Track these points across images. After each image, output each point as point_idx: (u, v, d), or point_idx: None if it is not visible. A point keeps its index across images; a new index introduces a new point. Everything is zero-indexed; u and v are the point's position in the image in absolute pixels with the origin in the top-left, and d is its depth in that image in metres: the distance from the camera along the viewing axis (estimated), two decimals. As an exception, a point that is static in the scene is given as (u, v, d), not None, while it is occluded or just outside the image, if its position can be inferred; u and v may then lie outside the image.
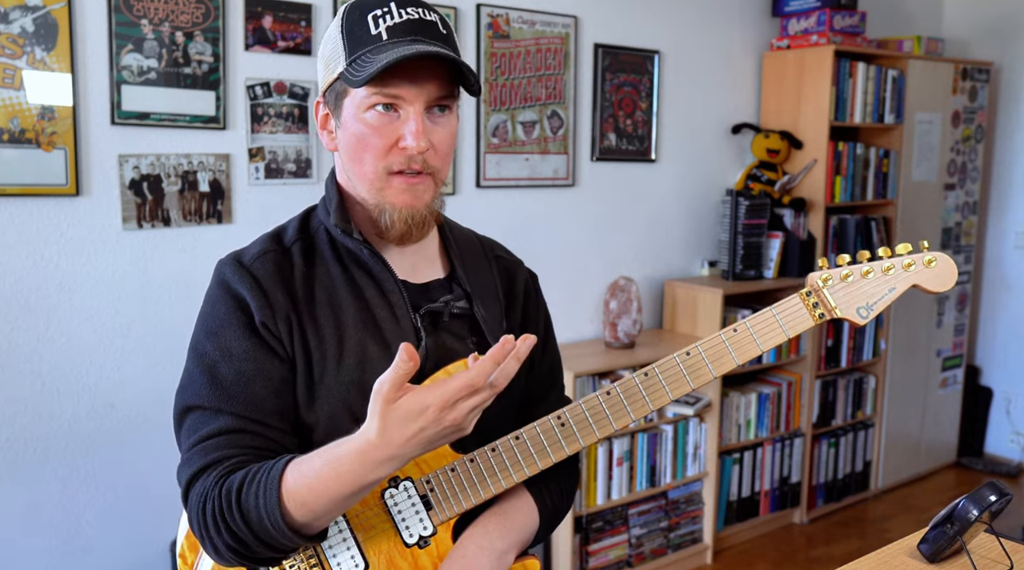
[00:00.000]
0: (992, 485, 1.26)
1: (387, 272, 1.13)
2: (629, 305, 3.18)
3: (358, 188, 1.12)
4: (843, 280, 1.08)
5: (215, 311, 1.09)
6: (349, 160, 1.11)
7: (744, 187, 3.66)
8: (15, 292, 2.22)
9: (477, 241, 1.30)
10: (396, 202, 1.08)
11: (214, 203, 2.47)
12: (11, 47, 2.15)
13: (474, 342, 1.18)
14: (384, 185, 1.08)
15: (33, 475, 2.28)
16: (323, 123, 1.15)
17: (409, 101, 1.06)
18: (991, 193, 4.50)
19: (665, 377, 1.08)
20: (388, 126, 1.06)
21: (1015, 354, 4.44)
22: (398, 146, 1.07)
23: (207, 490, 1.01)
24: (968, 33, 4.53)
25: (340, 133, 1.11)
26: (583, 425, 1.09)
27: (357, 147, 1.08)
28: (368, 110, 1.06)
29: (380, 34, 1.05)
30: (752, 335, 1.07)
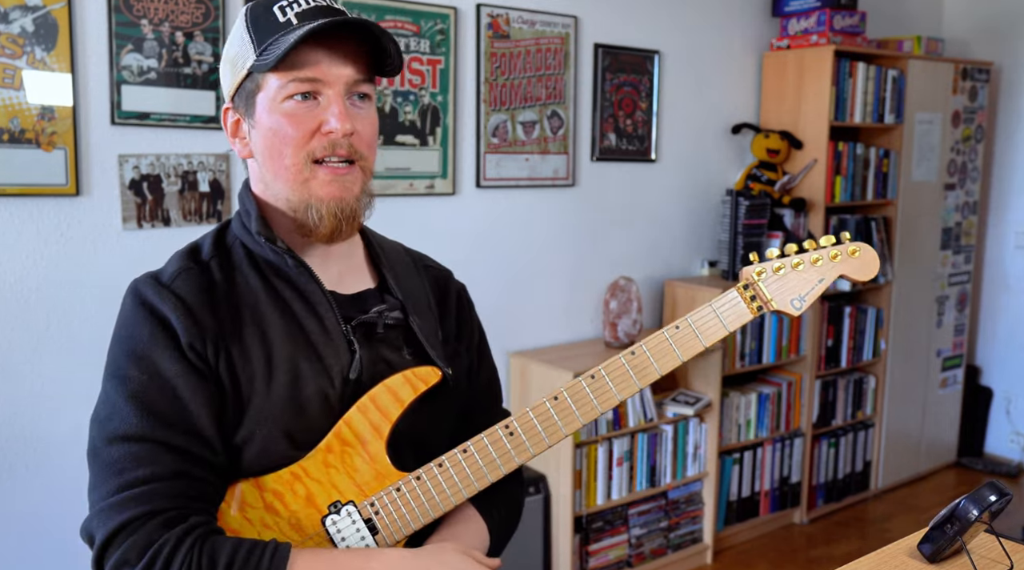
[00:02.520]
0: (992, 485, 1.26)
1: (314, 283, 1.06)
2: (629, 305, 3.18)
3: (278, 190, 1.04)
4: (775, 273, 1.09)
5: (137, 333, 1.00)
6: (267, 159, 1.04)
7: (744, 187, 3.67)
8: (15, 292, 2.22)
9: (404, 251, 1.24)
10: (323, 194, 1.02)
11: (214, 203, 2.48)
12: (11, 47, 2.15)
13: (410, 352, 1.12)
14: (308, 176, 1.02)
15: (33, 476, 2.28)
16: (234, 131, 1.08)
17: (328, 84, 1.01)
18: (991, 193, 4.50)
19: (612, 378, 1.06)
20: (308, 113, 1.01)
21: (1015, 354, 4.44)
22: (320, 132, 1.01)
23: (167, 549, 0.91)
24: (968, 33, 4.53)
25: (254, 134, 1.05)
26: (532, 433, 1.05)
27: (275, 141, 1.02)
28: (285, 100, 1.01)
29: (289, 20, 1.01)
30: (695, 331, 1.06)
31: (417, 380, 1.07)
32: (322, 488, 1.03)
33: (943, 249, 4.16)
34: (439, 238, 2.91)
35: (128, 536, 0.92)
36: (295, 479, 1.02)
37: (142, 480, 0.94)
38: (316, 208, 1.02)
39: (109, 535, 0.92)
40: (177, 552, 0.91)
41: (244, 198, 1.10)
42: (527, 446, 1.05)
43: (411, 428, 1.08)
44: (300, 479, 1.02)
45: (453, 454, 1.06)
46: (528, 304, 3.17)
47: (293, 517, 1.02)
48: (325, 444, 1.04)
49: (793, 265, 1.09)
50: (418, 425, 1.09)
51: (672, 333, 1.06)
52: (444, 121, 2.88)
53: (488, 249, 3.04)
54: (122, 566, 0.91)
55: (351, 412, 1.04)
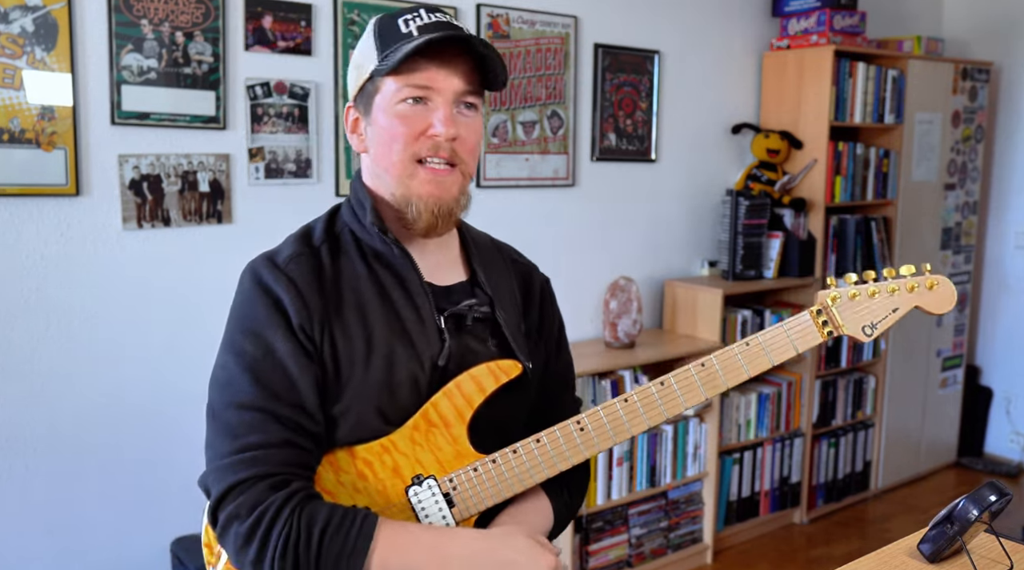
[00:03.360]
0: (992, 485, 1.26)
1: (414, 273, 1.15)
2: (629, 305, 3.18)
3: (386, 183, 1.14)
4: (851, 299, 1.11)
5: (253, 312, 1.10)
6: (379, 154, 1.14)
7: (744, 187, 3.66)
8: (15, 292, 2.22)
9: (493, 245, 1.35)
10: (422, 192, 1.11)
11: (214, 203, 2.47)
12: (11, 47, 2.15)
13: (495, 344, 1.21)
14: (411, 174, 1.11)
15: (33, 475, 2.28)
16: (353, 127, 1.19)
17: (438, 91, 1.10)
18: (991, 193, 4.50)
19: (680, 387, 1.13)
20: (417, 116, 1.10)
21: (1015, 354, 4.44)
22: (426, 134, 1.10)
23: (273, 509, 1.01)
24: (968, 33, 4.53)
25: (370, 131, 1.15)
26: (601, 431, 1.14)
27: (387, 139, 1.11)
28: (399, 103, 1.10)
29: (411, 31, 1.10)
30: (764, 350, 1.12)
31: (500, 371, 1.15)
32: (408, 461, 1.12)
33: (943, 249, 4.16)
34: (439, 238, 2.91)
35: (240, 494, 1.02)
36: (384, 451, 1.12)
37: (254, 446, 1.04)
38: (416, 204, 1.12)
39: (224, 491, 1.03)
40: (281, 513, 1.01)
41: (358, 189, 1.19)
42: (595, 442, 1.14)
43: (491, 414, 1.16)
44: (389, 451, 1.12)
45: (527, 442, 1.14)
46: (528, 304, 3.17)
47: (380, 484, 1.12)
48: (413, 423, 1.13)
49: (869, 293, 1.12)
50: (497, 411, 1.17)
51: (742, 350, 1.12)
52: (444, 121, 2.88)
53: (488, 249, 3.04)
54: (233, 519, 1.02)
55: (438, 396, 1.14)
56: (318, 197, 2.61)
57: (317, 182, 2.63)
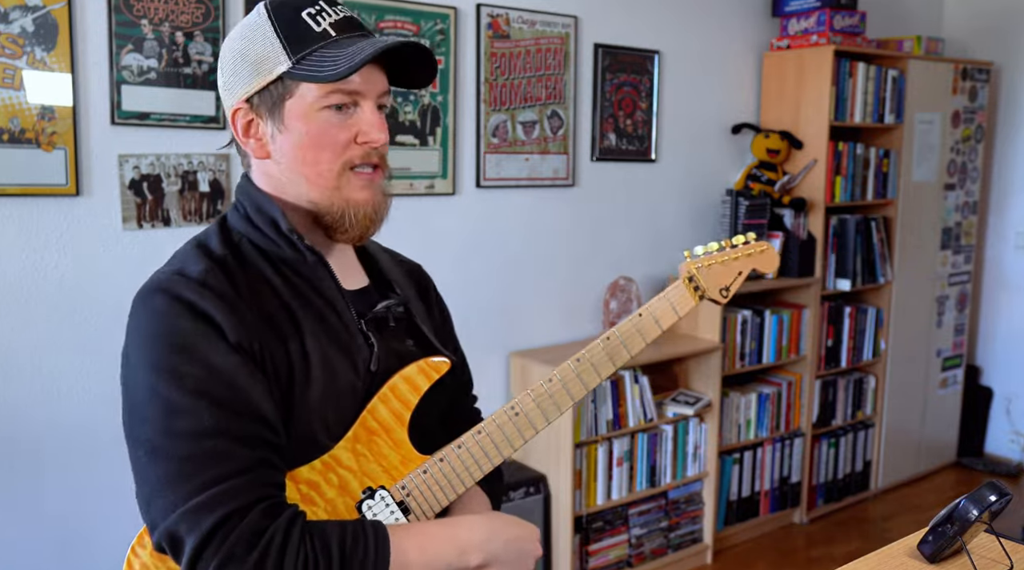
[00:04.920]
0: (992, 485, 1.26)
1: (331, 280, 1.10)
2: (629, 305, 3.18)
3: (302, 190, 1.07)
4: (708, 268, 1.25)
5: (177, 326, 0.98)
6: (297, 163, 1.06)
7: (744, 187, 3.67)
8: (15, 292, 2.22)
9: (379, 247, 1.30)
10: (359, 199, 1.07)
11: (214, 203, 2.48)
12: (11, 47, 2.15)
13: (413, 344, 1.18)
14: (343, 184, 1.06)
15: (33, 475, 2.28)
16: (246, 131, 1.08)
17: (364, 96, 1.06)
18: (991, 193, 4.50)
19: (593, 361, 1.19)
20: (345, 122, 1.05)
21: (1015, 354, 4.44)
22: (356, 142, 1.06)
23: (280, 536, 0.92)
24: (968, 33, 4.53)
25: (280, 138, 1.06)
26: (535, 414, 1.17)
27: (312, 148, 1.04)
28: (323, 109, 1.04)
29: (326, 31, 1.04)
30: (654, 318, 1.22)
31: (430, 369, 1.13)
32: (354, 476, 1.08)
33: (943, 249, 4.16)
34: (439, 238, 2.91)
35: (228, 534, 0.91)
36: (327, 469, 1.06)
37: (225, 476, 0.93)
38: (352, 212, 1.07)
39: (205, 536, 0.91)
40: (290, 539, 0.93)
41: (255, 195, 1.10)
42: (531, 424, 1.16)
43: (419, 413, 1.14)
44: (332, 468, 1.07)
45: (468, 436, 1.14)
46: (528, 304, 3.17)
47: (330, 505, 1.06)
48: (352, 434, 1.08)
49: (720, 261, 1.26)
50: (425, 410, 1.15)
51: (636, 321, 1.21)
52: (444, 121, 2.88)
53: (488, 249, 3.04)
54: (228, 563, 0.91)
55: (374, 402, 1.10)
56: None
57: (317, 182, 2.63)
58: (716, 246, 1.27)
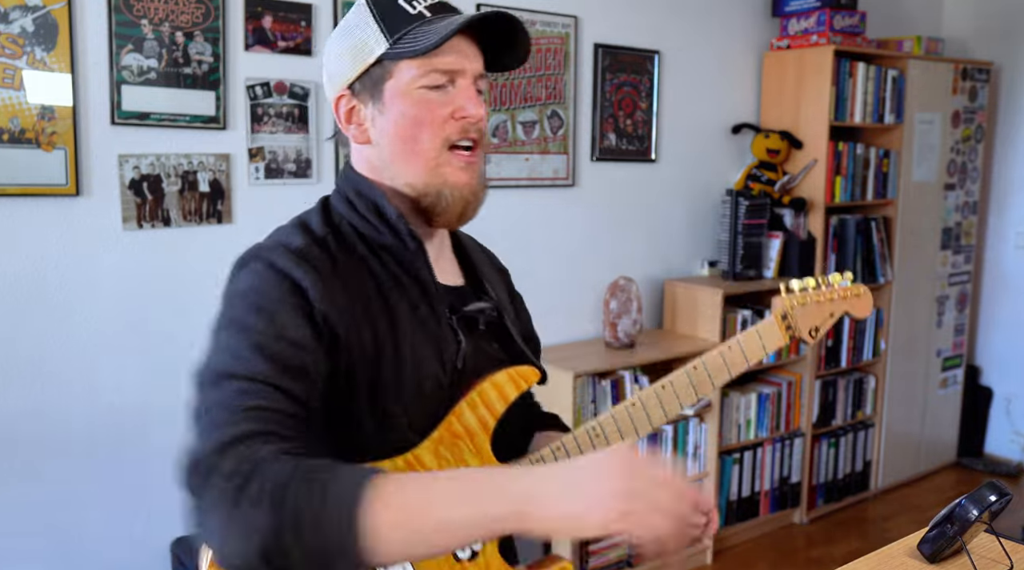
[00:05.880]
0: (992, 485, 1.26)
1: (428, 270, 1.09)
2: (629, 305, 3.18)
3: (402, 174, 1.07)
4: (802, 305, 1.25)
5: (263, 289, 0.97)
6: (399, 142, 1.06)
7: (744, 187, 3.66)
8: (15, 292, 2.22)
9: (478, 246, 1.31)
10: (457, 181, 1.08)
11: (214, 203, 2.47)
12: (11, 47, 2.15)
13: (500, 349, 1.17)
14: (443, 162, 1.06)
15: (33, 475, 2.28)
16: (348, 118, 1.09)
17: (462, 74, 1.06)
18: (991, 193, 4.50)
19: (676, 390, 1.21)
20: (442, 100, 1.05)
21: (1015, 354, 4.44)
22: (454, 118, 1.06)
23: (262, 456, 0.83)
24: (968, 33, 4.53)
25: (380, 120, 1.07)
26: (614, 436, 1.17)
27: (411, 126, 1.05)
28: (420, 87, 1.04)
29: (421, 12, 1.05)
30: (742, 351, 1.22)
31: (520, 379, 1.11)
32: None
33: (943, 249, 4.16)
34: (439, 238, 2.91)
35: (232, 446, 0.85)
36: (409, 467, 1.04)
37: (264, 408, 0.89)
38: (449, 194, 1.07)
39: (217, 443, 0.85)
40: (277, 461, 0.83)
41: (357, 181, 1.11)
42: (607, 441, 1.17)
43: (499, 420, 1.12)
44: (414, 467, 1.04)
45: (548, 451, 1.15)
46: (528, 303, 3.16)
47: None
48: (438, 435, 1.06)
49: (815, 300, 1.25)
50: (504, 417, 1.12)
51: (725, 353, 1.21)
52: (444, 121, 2.88)
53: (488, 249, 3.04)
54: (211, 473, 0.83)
55: (461, 406, 1.07)
56: (318, 197, 2.61)
57: (317, 182, 2.63)
58: (813, 283, 1.26)
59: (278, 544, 0.78)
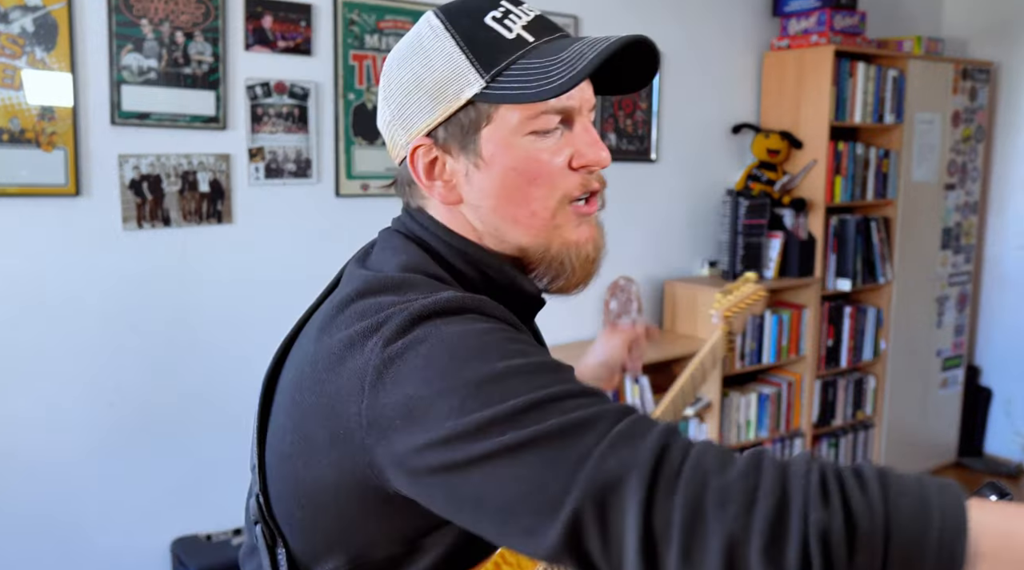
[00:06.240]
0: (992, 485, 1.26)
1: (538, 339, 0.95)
2: (629, 305, 3.18)
3: (511, 236, 0.87)
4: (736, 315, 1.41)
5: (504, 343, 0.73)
6: (504, 204, 0.85)
7: (744, 187, 3.66)
8: (15, 292, 2.22)
9: None
10: (579, 239, 0.90)
11: (214, 203, 2.47)
12: (11, 47, 2.15)
13: None
14: (561, 221, 0.87)
15: (34, 474, 2.28)
16: (430, 173, 0.86)
17: (578, 111, 0.86)
18: (991, 193, 4.50)
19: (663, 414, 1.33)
20: (556, 146, 0.85)
21: (1015, 354, 4.44)
22: (571, 167, 0.87)
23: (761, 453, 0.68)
24: (968, 33, 4.52)
25: (478, 177, 0.85)
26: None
27: (521, 185, 0.84)
28: (530, 134, 0.83)
29: (520, 36, 0.83)
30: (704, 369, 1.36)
31: None
32: None
33: (943, 249, 4.16)
34: (439, 238, 2.90)
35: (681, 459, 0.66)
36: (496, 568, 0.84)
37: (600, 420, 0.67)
38: (571, 256, 0.89)
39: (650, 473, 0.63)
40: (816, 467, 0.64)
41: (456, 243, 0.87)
42: None
43: None
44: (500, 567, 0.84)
45: None
46: (528, 304, 3.17)
47: None
48: None
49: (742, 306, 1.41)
50: None
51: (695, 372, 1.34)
52: (444, 121, 2.87)
53: (488, 249, 3.04)
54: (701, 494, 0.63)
55: None
56: (318, 197, 2.61)
57: (317, 182, 2.62)
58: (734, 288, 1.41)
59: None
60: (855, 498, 0.60)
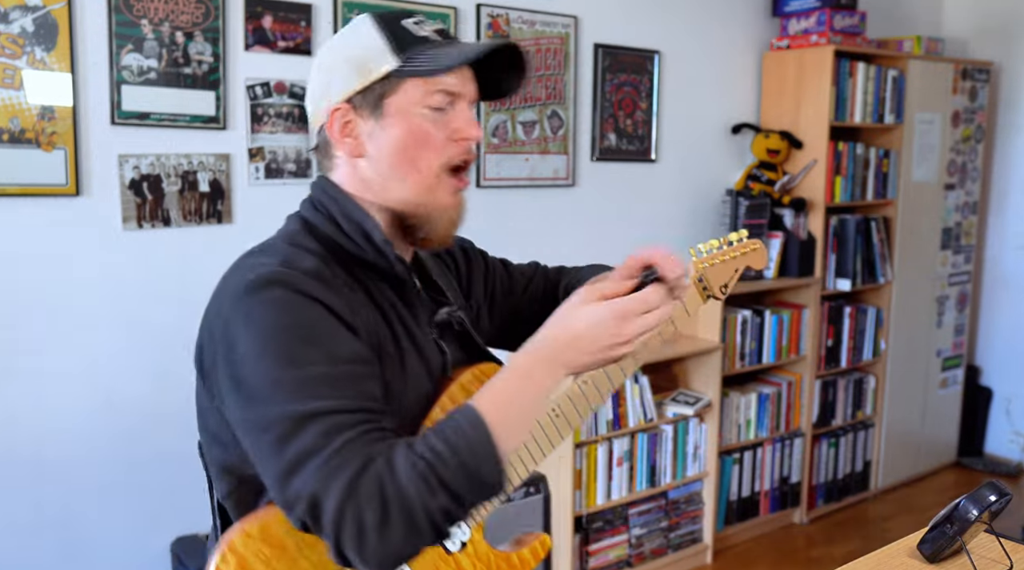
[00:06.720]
0: (992, 485, 1.26)
1: (413, 288, 1.12)
2: (629, 305, 3.18)
3: (398, 190, 1.08)
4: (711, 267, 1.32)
5: (301, 319, 0.96)
6: (398, 160, 1.07)
7: (744, 187, 3.67)
8: (15, 292, 2.22)
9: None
10: (447, 203, 1.09)
11: (214, 203, 2.48)
12: (11, 47, 2.15)
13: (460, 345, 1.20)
14: (438, 184, 1.08)
15: (33, 475, 2.28)
16: (344, 130, 1.08)
17: (462, 97, 1.09)
18: (991, 193, 4.50)
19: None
20: (442, 120, 1.07)
21: (1015, 354, 4.44)
22: (452, 139, 1.07)
23: (393, 465, 0.89)
24: (968, 33, 4.53)
25: (380, 135, 1.07)
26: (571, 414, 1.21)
27: (413, 145, 1.06)
28: (425, 108, 1.06)
29: (427, 36, 1.08)
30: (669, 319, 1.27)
31: (484, 376, 1.14)
32: None
33: (943, 249, 4.16)
34: (439, 238, 2.91)
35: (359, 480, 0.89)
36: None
37: (354, 437, 0.92)
38: (437, 217, 1.09)
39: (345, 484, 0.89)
40: (394, 457, 0.90)
41: (344, 201, 1.09)
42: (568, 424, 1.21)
43: None
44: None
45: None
46: (528, 304, 3.17)
47: None
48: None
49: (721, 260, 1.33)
50: None
51: None
52: (444, 121, 2.88)
53: (488, 249, 3.03)
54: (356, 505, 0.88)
55: (435, 411, 1.11)
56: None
57: (317, 182, 2.63)
58: (716, 244, 1.34)
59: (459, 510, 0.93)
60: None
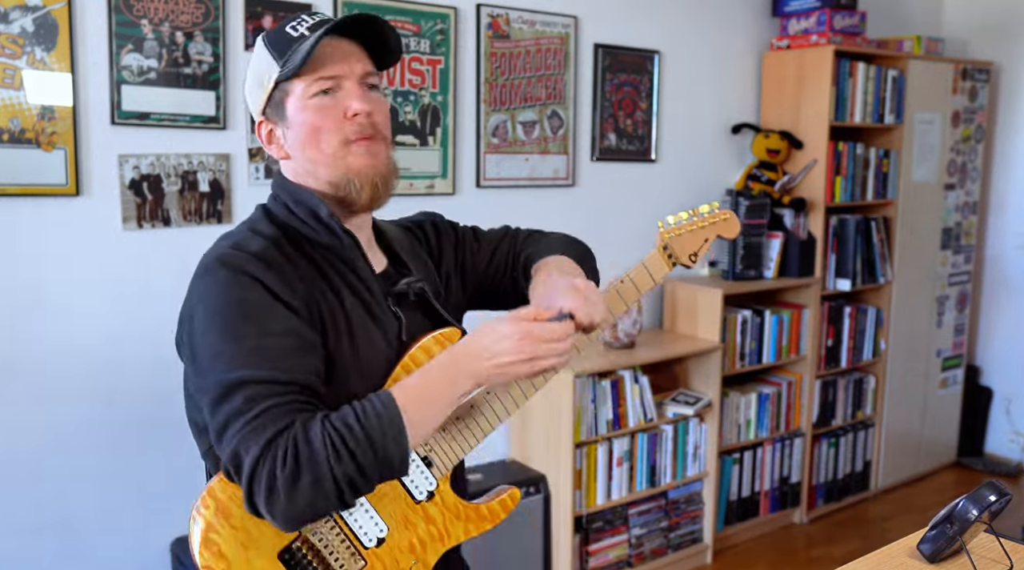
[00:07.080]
0: (992, 485, 1.26)
1: (364, 260, 1.22)
2: (629, 305, 3.18)
3: (318, 175, 1.19)
4: (678, 236, 1.35)
5: (242, 296, 1.09)
6: (307, 150, 1.18)
7: (744, 187, 3.66)
8: (15, 292, 2.22)
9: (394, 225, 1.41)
10: (360, 165, 1.17)
11: (214, 203, 2.48)
12: (11, 47, 2.15)
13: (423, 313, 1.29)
14: (344, 154, 1.17)
15: (33, 475, 2.28)
16: (269, 139, 1.23)
17: (344, 77, 1.17)
18: (991, 193, 4.50)
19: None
20: (332, 105, 1.17)
21: (1015, 354, 4.44)
22: (346, 117, 1.16)
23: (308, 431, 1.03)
24: (968, 33, 4.53)
25: (289, 134, 1.20)
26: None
27: (312, 132, 1.17)
28: (311, 98, 1.16)
29: (302, 34, 1.17)
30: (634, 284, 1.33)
31: (445, 339, 1.23)
32: None
33: (943, 249, 4.16)
34: (439, 238, 2.91)
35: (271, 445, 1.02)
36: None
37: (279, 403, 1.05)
38: (355, 179, 1.17)
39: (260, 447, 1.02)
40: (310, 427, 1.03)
41: (292, 188, 1.22)
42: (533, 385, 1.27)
43: None
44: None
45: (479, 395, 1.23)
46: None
47: None
48: None
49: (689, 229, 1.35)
50: None
51: (618, 286, 1.32)
52: (444, 121, 2.88)
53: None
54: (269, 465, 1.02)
55: (397, 371, 1.20)
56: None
57: (317, 182, 2.63)
58: (685, 215, 1.37)
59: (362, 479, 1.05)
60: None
